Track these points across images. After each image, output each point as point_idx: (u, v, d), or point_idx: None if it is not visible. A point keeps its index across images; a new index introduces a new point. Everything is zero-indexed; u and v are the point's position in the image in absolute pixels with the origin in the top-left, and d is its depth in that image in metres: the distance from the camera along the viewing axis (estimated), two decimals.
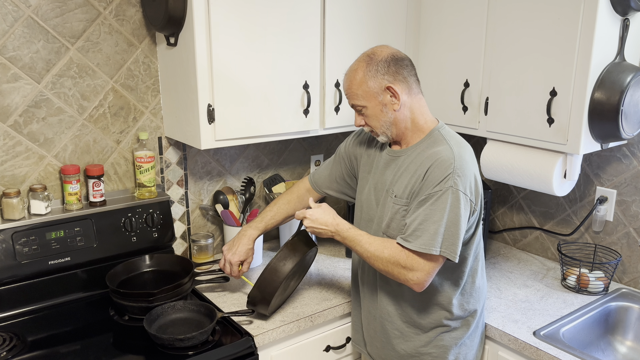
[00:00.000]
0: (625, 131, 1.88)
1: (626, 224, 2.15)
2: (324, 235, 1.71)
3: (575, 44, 1.81)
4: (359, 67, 1.63)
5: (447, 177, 1.54)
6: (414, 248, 1.54)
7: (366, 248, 1.63)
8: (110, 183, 2.11)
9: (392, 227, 1.67)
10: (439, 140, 1.63)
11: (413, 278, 1.56)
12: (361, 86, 1.62)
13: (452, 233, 1.54)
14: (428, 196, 1.56)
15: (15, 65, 1.85)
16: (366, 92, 1.62)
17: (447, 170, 1.54)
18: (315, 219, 1.70)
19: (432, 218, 1.54)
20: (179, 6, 1.82)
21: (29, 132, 1.92)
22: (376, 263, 1.61)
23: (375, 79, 1.60)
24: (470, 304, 1.73)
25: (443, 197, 1.53)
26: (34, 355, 1.66)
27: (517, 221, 2.54)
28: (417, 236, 1.54)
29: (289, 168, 2.58)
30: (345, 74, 1.68)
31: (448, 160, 1.56)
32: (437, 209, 1.54)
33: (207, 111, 1.90)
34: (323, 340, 1.96)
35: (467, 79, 2.17)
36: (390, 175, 1.70)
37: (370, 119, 1.66)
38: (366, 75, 1.61)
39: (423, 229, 1.54)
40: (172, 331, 1.74)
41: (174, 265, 2.07)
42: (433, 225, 1.53)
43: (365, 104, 1.63)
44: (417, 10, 2.33)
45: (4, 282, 1.83)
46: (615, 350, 2.02)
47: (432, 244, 1.53)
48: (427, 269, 1.55)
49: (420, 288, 1.58)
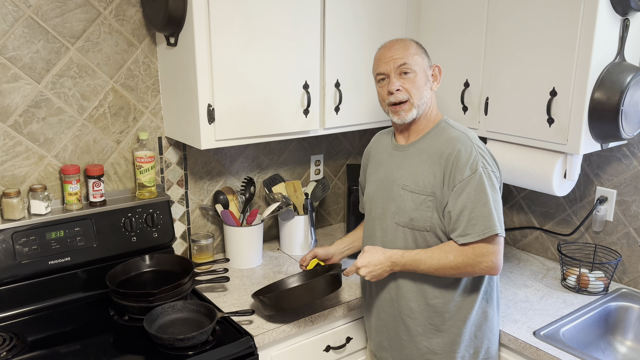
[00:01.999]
0: (625, 131, 1.88)
1: (626, 224, 2.15)
2: (385, 273, 1.67)
3: (575, 44, 1.81)
4: (410, 42, 1.69)
5: (474, 161, 1.59)
6: (476, 238, 1.57)
7: (430, 264, 1.62)
8: (110, 183, 2.11)
9: (416, 218, 1.66)
10: (447, 129, 1.69)
11: (488, 265, 1.58)
12: (417, 54, 1.68)
13: (498, 210, 1.60)
14: (463, 183, 1.59)
15: (15, 65, 1.85)
16: (421, 60, 1.68)
17: (472, 154, 1.60)
18: (368, 263, 1.65)
19: (479, 202, 1.57)
20: (179, 6, 1.82)
21: (29, 132, 1.92)
22: (447, 272, 1.61)
23: (425, 56, 1.71)
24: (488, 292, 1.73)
25: (479, 180, 1.58)
26: (34, 355, 1.66)
27: (517, 221, 2.54)
28: (473, 225, 1.57)
29: (289, 168, 2.58)
30: (392, 41, 1.71)
31: (467, 144, 1.62)
32: (479, 193, 1.57)
33: (207, 111, 1.90)
34: (323, 340, 1.96)
35: (467, 79, 2.17)
36: (399, 169, 1.72)
37: (414, 86, 1.66)
38: (420, 48, 1.70)
39: (476, 217, 1.57)
40: (172, 331, 1.74)
41: (174, 265, 2.07)
42: (483, 209, 1.57)
43: (417, 69, 1.67)
44: (417, 10, 2.33)
45: (4, 282, 1.83)
46: (615, 350, 2.02)
47: (492, 226, 1.56)
48: (495, 249, 1.58)
49: (497, 271, 1.60)
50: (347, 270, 1.73)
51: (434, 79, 1.71)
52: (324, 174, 2.71)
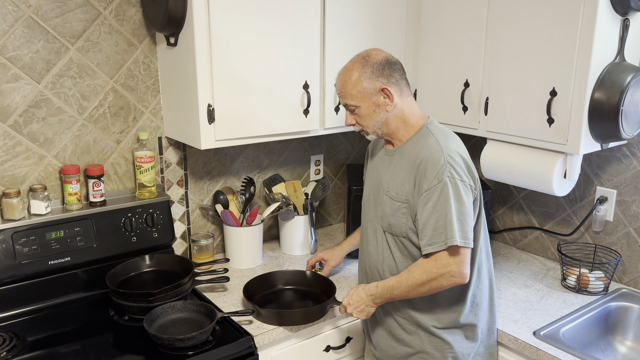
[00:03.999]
0: (625, 131, 1.88)
1: (626, 224, 2.15)
2: (371, 308, 1.71)
3: (575, 44, 1.81)
4: (354, 67, 1.65)
5: (441, 169, 1.57)
6: (439, 248, 1.57)
7: (401, 289, 1.63)
8: (110, 183, 2.11)
9: (393, 224, 1.69)
10: (426, 135, 1.67)
11: (452, 274, 1.57)
12: (356, 86, 1.64)
13: (462, 221, 1.57)
14: (429, 192, 1.58)
15: (15, 65, 1.85)
16: (361, 92, 1.64)
17: (439, 163, 1.58)
18: (349, 303, 1.72)
19: (443, 212, 1.56)
20: (179, 6, 1.82)
21: (29, 132, 1.92)
22: (419, 291, 1.62)
23: (370, 80, 1.63)
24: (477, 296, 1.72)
25: (445, 189, 1.56)
26: (34, 355, 1.66)
27: (517, 221, 2.54)
28: (438, 234, 1.57)
29: (289, 168, 2.58)
30: (339, 73, 1.70)
31: (437, 152, 1.59)
32: (443, 203, 1.56)
33: (207, 111, 1.90)
34: (323, 340, 1.96)
35: (467, 79, 2.17)
36: (386, 174, 1.73)
37: (363, 119, 1.69)
38: (362, 76, 1.63)
39: (440, 226, 1.56)
40: (172, 331, 1.74)
41: (174, 265, 2.07)
42: (445, 219, 1.56)
43: (359, 104, 1.66)
44: (417, 10, 2.33)
45: (4, 282, 1.83)
46: (615, 350, 2.02)
47: (451, 237, 1.55)
48: (458, 260, 1.57)
49: (463, 279, 1.59)
50: (340, 311, 1.79)
51: (388, 99, 1.64)
52: (324, 174, 2.71)
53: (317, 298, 1.99)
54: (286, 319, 1.85)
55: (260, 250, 2.32)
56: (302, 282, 2.07)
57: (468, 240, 1.57)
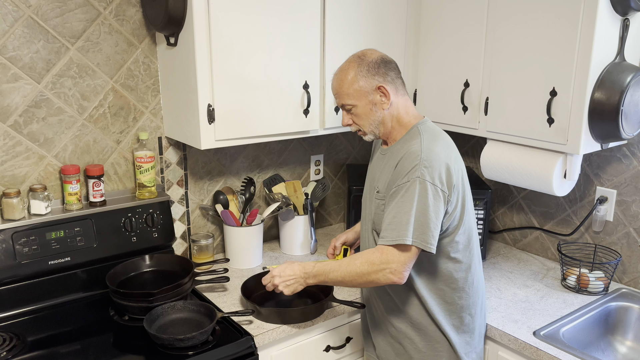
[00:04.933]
0: (625, 131, 1.88)
1: (626, 224, 2.15)
2: (299, 285, 1.71)
3: (575, 44, 1.81)
4: (350, 67, 1.66)
5: (413, 169, 1.57)
6: (388, 242, 1.56)
7: (337, 273, 1.63)
8: (110, 183, 2.11)
9: (376, 222, 1.70)
10: (414, 135, 1.66)
11: (391, 271, 1.56)
12: (352, 85, 1.65)
13: (422, 222, 1.55)
14: (397, 188, 1.59)
15: (15, 65, 1.85)
16: (357, 91, 1.65)
17: (414, 162, 1.58)
18: (279, 274, 1.72)
19: (402, 209, 1.56)
20: (179, 6, 1.82)
21: (29, 132, 1.92)
22: (356, 280, 1.61)
23: (366, 79, 1.64)
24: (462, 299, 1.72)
25: (411, 188, 1.56)
26: (34, 355, 1.66)
27: (517, 221, 2.54)
28: (391, 229, 1.57)
29: (289, 168, 2.58)
30: (335, 74, 1.71)
31: (415, 152, 1.60)
32: (406, 201, 1.56)
33: (207, 111, 1.90)
34: (323, 340, 1.96)
35: (467, 79, 2.17)
36: (378, 173, 1.75)
37: (360, 118, 1.69)
38: (358, 74, 1.64)
39: (396, 222, 1.56)
40: (172, 331, 1.74)
41: (174, 265, 2.07)
42: (404, 217, 1.55)
43: (356, 102, 1.66)
44: (417, 10, 2.33)
45: (4, 282, 1.83)
46: (615, 350, 2.02)
47: (405, 235, 1.54)
48: (402, 259, 1.56)
49: (400, 279, 1.57)
50: (264, 279, 1.78)
51: (384, 97, 1.65)
52: (324, 174, 2.71)
53: (314, 296, 1.99)
54: (286, 317, 1.85)
55: (260, 250, 2.32)
56: None
57: (428, 244, 1.55)
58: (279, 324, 1.84)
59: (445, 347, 1.72)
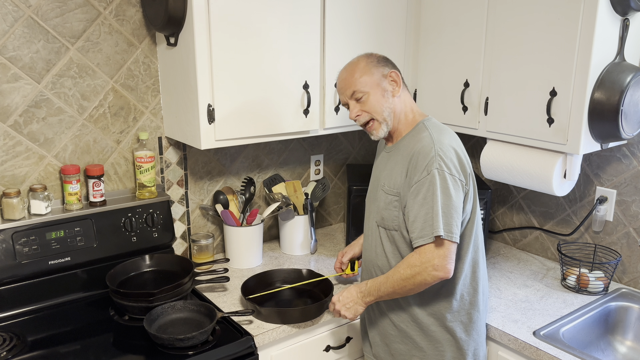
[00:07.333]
0: (625, 131, 1.88)
1: (626, 224, 2.15)
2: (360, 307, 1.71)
3: (575, 44, 1.81)
4: (360, 59, 1.72)
5: (430, 162, 1.59)
6: (423, 242, 1.57)
7: (388, 284, 1.64)
8: (110, 183, 2.11)
9: (385, 217, 1.71)
10: (421, 130, 1.69)
11: (435, 267, 1.56)
12: (364, 74, 1.68)
13: (447, 213, 1.57)
14: (418, 185, 1.60)
15: (16, 65, 1.85)
16: (369, 77, 1.68)
17: (429, 155, 1.59)
18: (343, 299, 1.73)
19: (428, 206, 1.57)
20: (179, 6, 1.82)
21: (29, 132, 1.92)
22: (404, 287, 1.61)
23: (377, 67, 1.69)
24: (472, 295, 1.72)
25: (431, 181, 1.57)
26: (34, 355, 1.66)
27: (517, 221, 2.54)
28: (422, 228, 1.58)
29: (289, 168, 2.58)
30: (343, 68, 1.75)
31: (428, 146, 1.61)
32: (429, 195, 1.57)
33: (207, 111, 1.90)
34: (323, 340, 1.97)
35: (467, 79, 2.17)
36: (384, 170, 1.76)
37: (371, 106, 1.69)
38: (369, 64, 1.70)
39: (426, 220, 1.57)
40: (172, 331, 1.74)
41: (174, 265, 2.07)
42: (432, 213, 1.57)
43: (368, 89, 1.68)
44: (417, 10, 2.33)
45: (4, 282, 1.83)
46: (615, 350, 2.02)
47: (436, 228, 1.56)
48: (442, 253, 1.57)
49: (446, 273, 1.58)
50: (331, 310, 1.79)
51: (395, 84, 1.69)
52: (324, 174, 2.71)
53: (314, 296, 1.99)
54: (286, 317, 1.85)
55: (260, 250, 2.32)
56: (299, 281, 2.07)
57: (452, 235, 1.57)
58: (279, 324, 1.84)
59: (449, 345, 1.71)
